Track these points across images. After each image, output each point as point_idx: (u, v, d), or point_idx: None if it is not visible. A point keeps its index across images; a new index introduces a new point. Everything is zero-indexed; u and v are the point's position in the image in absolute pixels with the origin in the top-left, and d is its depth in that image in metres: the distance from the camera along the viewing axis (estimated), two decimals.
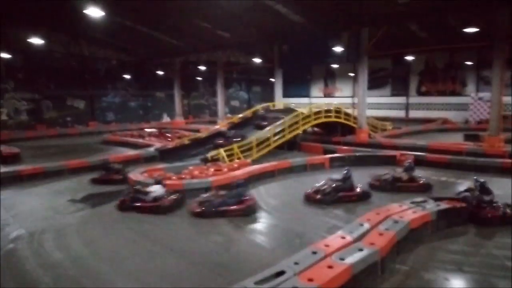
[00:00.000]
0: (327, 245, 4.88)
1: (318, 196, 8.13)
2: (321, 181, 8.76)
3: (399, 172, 9.39)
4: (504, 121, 16.61)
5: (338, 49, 17.30)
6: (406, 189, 8.91)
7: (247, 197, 7.78)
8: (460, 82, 26.56)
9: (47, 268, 5.28)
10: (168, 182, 9.16)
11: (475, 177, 7.56)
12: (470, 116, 24.38)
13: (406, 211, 6.25)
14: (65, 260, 5.52)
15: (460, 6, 13.40)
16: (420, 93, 28.54)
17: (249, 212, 7.45)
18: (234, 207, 7.40)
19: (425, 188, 9.00)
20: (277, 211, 7.84)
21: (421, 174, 11.05)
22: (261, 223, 7.22)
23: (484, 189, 7.03)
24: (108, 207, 8.20)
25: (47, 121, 24.10)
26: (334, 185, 8.29)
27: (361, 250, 4.68)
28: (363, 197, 8.39)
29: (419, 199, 6.99)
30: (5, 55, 20.59)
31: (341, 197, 8.17)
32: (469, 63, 25.69)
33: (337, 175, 8.76)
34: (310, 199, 8.23)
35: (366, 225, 5.64)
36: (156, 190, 7.94)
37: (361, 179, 9.45)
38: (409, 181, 9.17)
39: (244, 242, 6.32)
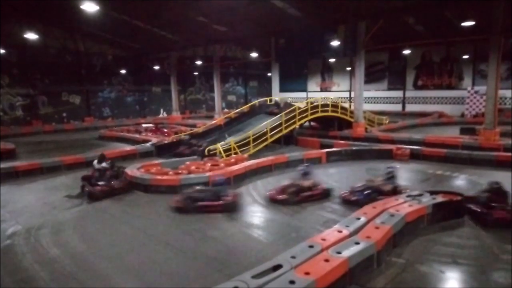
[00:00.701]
0: (323, 239, 4.91)
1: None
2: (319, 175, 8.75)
3: (379, 181, 7.94)
4: (500, 115, 16.71)
5: (335, 43, 17.23)
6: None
7: (229, 195, 7.63)
8: (457, 76, 26.61)
9: (44, 264, 5.28)
10: (165, 177, 9.19)
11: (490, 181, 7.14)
12: (466, 109, 24.47)
13: (402, 205, 6.29)
14: (62, 256, 5.52)
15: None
16: (416, 87, 28.59)
17: (229, 209, 7.32)
18: (214, 203, 7.36)
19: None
20: (274, 205, 7.86)
21: (418, 168, 11.16)
22: (257, 218, 7.26)
23: (500, 192, 6.69)
24: (104, 202, 8.19)
25: (42, 116, 23.97)
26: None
27: (357, 243, 4.71)
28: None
29: (415, 192, 7.04)
30: (0, 50, 20.39)
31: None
32: (465, 56, 25.72)
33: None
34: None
35: (363, 219, 5.68)
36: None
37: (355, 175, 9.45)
38: (393, 192, 7.55)
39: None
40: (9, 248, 5.81)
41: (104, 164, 9.35)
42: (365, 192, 7.63)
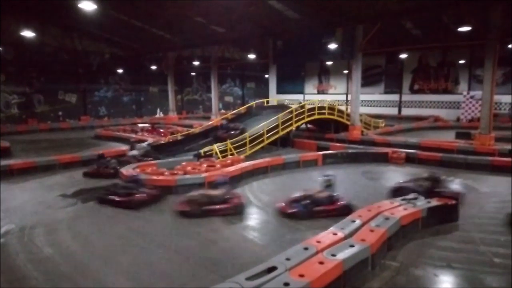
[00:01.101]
0: (318, 241, 4.92)
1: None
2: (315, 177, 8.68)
3: (315, 190, 7.38)
4: (495, 120, 16.83)
5: (332, 45, 17.28)
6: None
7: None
8: (453, 81, 26.77)
9: (37, 263, 5.25)
10: (161, 177, 9.16)
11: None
12: (462, 114, 24.62)
13: (397, 208, 6.31)
14: (56, 256, 5.49)
15: (453, 4, 13.48)
16: (413, 91, 28.72)
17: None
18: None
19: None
20: (268, 207, 7.86)
21: (413, 171, 11.21)
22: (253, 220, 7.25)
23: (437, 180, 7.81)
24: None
25: (38, 115, 23.83)
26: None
27: (352, 246, 4.72)
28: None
29: (410, 196, 7.07)
30: None
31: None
32: (462, 61, 25.89)
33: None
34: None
35: (358, 222, 5.69)
36: None
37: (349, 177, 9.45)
38: (329, 202, 7.20)
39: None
40: (2, 247, 5.76)
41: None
42: (303, 203, 7.06)
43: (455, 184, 8.18)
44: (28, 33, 18.55)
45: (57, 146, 16.13)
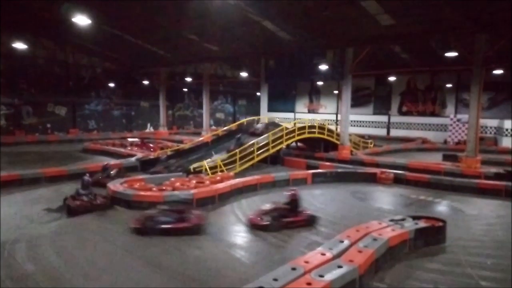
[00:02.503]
0: (306, 261, 4.88)
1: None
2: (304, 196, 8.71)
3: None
4: (481, 143, 17.17)
5: (323, 66, 17.61)
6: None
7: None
8: (440, 104, 27.37)
9: (17, 280, 5.08)
10: (148, 193, 9.05)
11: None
12: (449, 136, 25.07)
13: (385, 229, 6.32)
14: (37, 272, 5.32)
15: (440, 31, 13.91)
16: (401, 113, 29.24)
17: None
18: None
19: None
20: None
21: (401, 192, 11.30)
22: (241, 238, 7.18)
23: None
24: (83, 217, 7.99)
25: (26, 127, 23.47)
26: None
27: (340, 267, 4.69)
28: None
29: (398, 217, 7.10)
30: None
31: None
32: (449, 85, 26.55)
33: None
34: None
35: (346, 242, 5.67)
36: None
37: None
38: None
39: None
40: None
41: None
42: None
43: (307, 210, 8.09)
44: (20, 45, 18.48)
45: (44, 159, 15.86)
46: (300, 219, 7.69)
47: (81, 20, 12.18)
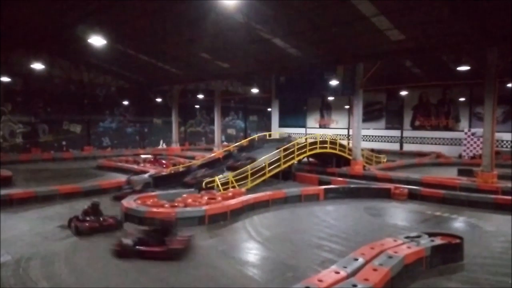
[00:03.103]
0: (320, 280, 4.78)
1: None
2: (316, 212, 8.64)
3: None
4: (497, 157, 16.82)
5: (334, 82, 17.67)
6: None
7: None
8: (454, 118, 27.03)
9: None
10: (160, 209, 9.08)
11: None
12: (463, 151, 24.65)
13: (401, 246, 6.18)
14: None
15: (452, 45, 13.88)
16: (414, 127, 28.95)
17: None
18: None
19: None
20: (269, 242, 7.73)
21: (416, 208, 11.08)
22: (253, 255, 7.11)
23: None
24: (97, 235, 8.04)
25: (42, 144, 24.01)
26: None
27: (355, 286, 4.59)
28: None
29: (413, 233, 6.95)
30: (5, 79, 20.79)
31: None
32: (462, 99, 26.28)
33: None
34: None
35: (361, 260, 5.56)
36: None
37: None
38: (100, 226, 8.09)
39: None
40: None
41: None
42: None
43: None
44: (37, 65, 19.10)
45: (59, 176, 16.14)
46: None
47: (96, 40, 12.57)
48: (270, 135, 19.88)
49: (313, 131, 33.11)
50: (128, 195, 10.68)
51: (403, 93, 26.54)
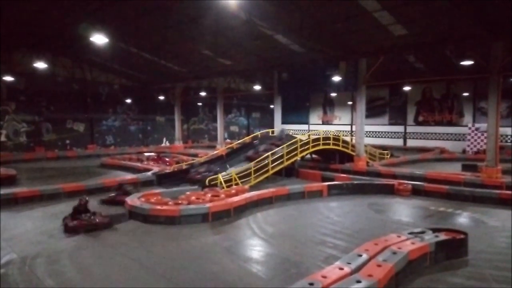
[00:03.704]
0: (324, 276, 4.79)
1: None
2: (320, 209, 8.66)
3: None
4: (501, 152, 16.73)
5: (336, 78, 17.59)
6: None
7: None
8: (457, 113, 26.86)
9: None
10: (164, 207, 9.11)
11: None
12: (467, 146, 24.51)
13: (405, 242, 6.17)
14: (56, 287, 5.39)
15: (455, 39, 13.77)
16: (417, 123, 28.81)
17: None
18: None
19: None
20: (272, 238, 7.74)
21: (420, 204, 11.05)
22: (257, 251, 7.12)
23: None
24: (101, 232, 8.08)
25: (46, 143, 24.12)
26: None
27: (359, 282, 4.59)
28: None
29: (417, 229, 6.94)
30: (9, 78, 20.87)
31: None
32: (465, 94, 26.09)
33: None
34: None
35: (365, 256, 5.56)
36: None
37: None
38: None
39: None
40: (2, 278, 5.68)
41: None
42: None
43: None
44: (40, 64, 19.15)
45: (63, 175, 16.21)
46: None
47: (99, 39, 12.56)
48: (273, 132, 19.85)
49: (316, 127, 33.06)
50: (115, 199, 10.61)
51: (406, 88, 26.39)
